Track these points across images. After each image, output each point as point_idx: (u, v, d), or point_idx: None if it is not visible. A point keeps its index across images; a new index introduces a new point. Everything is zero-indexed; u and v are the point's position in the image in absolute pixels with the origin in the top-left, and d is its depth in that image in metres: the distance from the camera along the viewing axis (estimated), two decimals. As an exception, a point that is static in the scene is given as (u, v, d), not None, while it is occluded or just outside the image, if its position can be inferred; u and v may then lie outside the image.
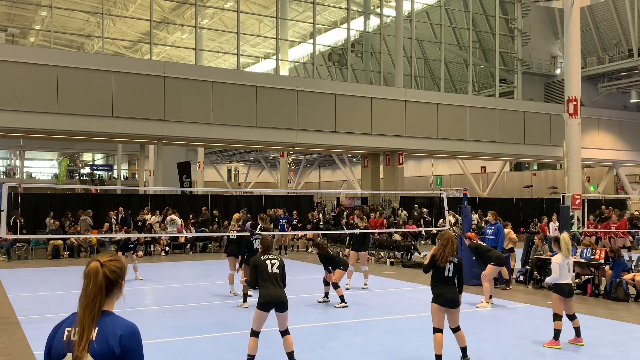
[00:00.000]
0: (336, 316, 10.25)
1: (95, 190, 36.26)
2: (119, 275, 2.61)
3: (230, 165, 67.46)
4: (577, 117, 22.17)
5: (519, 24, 35.29)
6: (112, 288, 2.58)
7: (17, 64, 21.29)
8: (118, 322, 2.53)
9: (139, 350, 2.52)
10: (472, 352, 7.92)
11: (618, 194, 36.61)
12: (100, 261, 2.58)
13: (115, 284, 2.59)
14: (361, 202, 30.28)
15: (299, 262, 18.92)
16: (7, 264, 17.42)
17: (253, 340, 6.73)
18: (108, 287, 2.56)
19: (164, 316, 10.13)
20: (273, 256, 6.96)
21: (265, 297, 6.70)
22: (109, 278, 2.56)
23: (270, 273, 6.77)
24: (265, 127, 25.61)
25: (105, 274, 2.56)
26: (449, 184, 46.26)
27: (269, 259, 6.88)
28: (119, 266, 2.62)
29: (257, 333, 6.75)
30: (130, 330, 2.52)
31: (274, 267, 6.82)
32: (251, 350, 6.73)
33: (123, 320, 2.56)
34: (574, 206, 20.91)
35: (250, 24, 39.70)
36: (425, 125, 29.14)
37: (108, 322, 2.52)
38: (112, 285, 2.58)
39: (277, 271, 6.82)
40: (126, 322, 2.55)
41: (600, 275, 12.64)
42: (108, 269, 2.57)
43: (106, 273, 2.56)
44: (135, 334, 2.53)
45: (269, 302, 6.68)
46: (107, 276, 2.55)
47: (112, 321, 2.53)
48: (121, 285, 2.63)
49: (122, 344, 2.47)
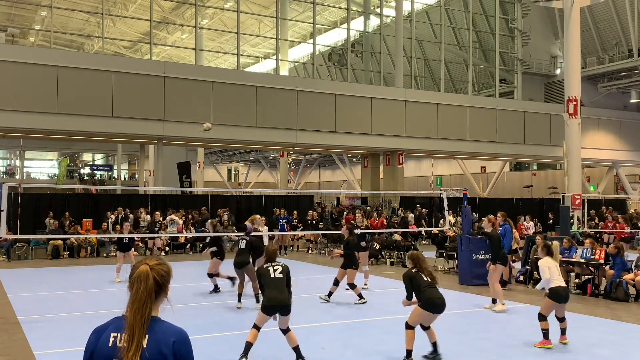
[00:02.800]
0: (336, 316, 10.24)
1: (95, 190, 36.25)
2: (166, 279, 2.58)
3: (230, 165, 67.45)
4: (577, 117, 22.17)
5: (519, 24, 35.29)
6: (160, 292, 2.55)
7: (17, 64, 21.29)
8: (170, 329, 2.51)
9: (191, 356, 2.50)
10: (473, 352, 7.93)
11: (618, 194, 36.61)
12: (150, 265, 2.55)
13: (162, 288, 2.56)
14: (361, 202, 30.27)
15: (299, 262, 18.91)
16: (7, 264, 17.42)
17: (254, 331, 7.05)
18: (157, 291, 2.53)
19: (164, 316, 10.12)
20: (276, 263, 7.29)
21: (269, 301, 6.97)
22: (158, 282, 2.53)
23: (274, 278, 7.06)
24: (265, 127, 25.60)
25: (155, 277, 2.52)
26: (449, 184, 46.26)
27: (271, 265, 7.23)
28: (167, 270, 2.59)
29: (259, 328, 7.08)
30: (182, 336, 2.50)
31: (276, 272, 7.12)
32: (251, 338, 7.03)
33: (174, 326, 2.54)
34: (574, 206, 20.92)
35: (250, 24, 39.68)
36: (425, 125, 29.14)
37: (159, 328, 2.49)
38: (160, 290, 2.54)
39: (280, 276, 7.10)
40: (177, 329, 2.53)
41: (600, 275, 12.64)
42: (157, 272, 2.54)
43: (155, 277, 2.52)
44: (187, 340, 2.51)
45: (272, 305, 6.95)
46: (156, 280, 2.52)
47: (163, 327, 2.50)
48: (167, 289, 2.60)
49: (175, 350, 2.44)
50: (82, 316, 9.90)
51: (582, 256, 12.79)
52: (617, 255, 12.37)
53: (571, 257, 13.03)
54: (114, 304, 10.76)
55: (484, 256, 13.86)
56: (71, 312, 10.33)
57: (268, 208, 25.52)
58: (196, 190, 31.17)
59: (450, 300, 11.96)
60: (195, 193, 28.21)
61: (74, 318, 9.80)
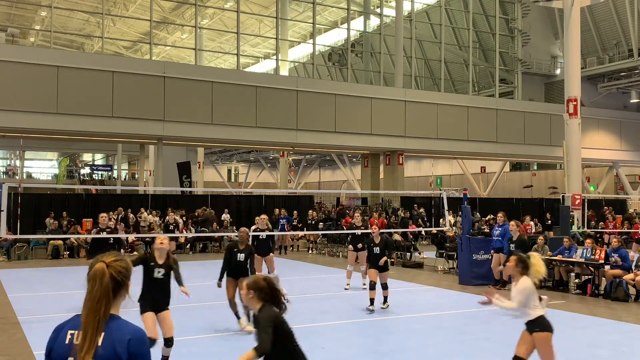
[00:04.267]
0: (336, 316, 10.24)
1: (95, 190, 36.26)
2: (125, 275, 2.50)
3: (230, 165, 67.44)
4: (577, 117, 22.18)
5: (519, 24, 35.29)
6: (118, 290, 2.47)
7: (17, 64, 21.29)
8: (126, 327, 2.45)
9: (146, 356, 2.46)
10: (473, 352, 7.93)
11: (618, 194, 36.61)
12: (106, 262, 2.48)
13: (121, 285, 2.49)
14: (361, 202, 30.27)
15: (299, 262, 18.92)
16: (7, 264, 17.42)
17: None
18: (114, 288, 2.45)
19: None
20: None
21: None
22: (116, 279, 2.46)
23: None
24: (265, 127, 25.60)
25: (112, 275, 2.45)
26: (449, 184, 46.26)
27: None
28: (125, 266, 2.52)
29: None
30: (139, 335, 2.45)
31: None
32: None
33: (131, 325, 2.48)
34: (574, 206, 20.93)
35: (250, 24, 39.68)
36: (425, 125, 29.13)
37: (115, 326, 2.43)
38: (118, 287, 2.47)
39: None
40: (134, 327, 2.47)
41: (600, 275, 12.64)
42: (114, 269, 2.47)
43: (112, 274, 2.45)
44: (144, 339, 2.46)
45: None
46: (113, 277, 2.45)
47: (120, 326, 2.44)
48: (127, 286, 2.53)
49: (130, 349, 2.39)
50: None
51: (582, 256, 12.78)
52: (619, 249, 12.43)
53: (571, 257, 13.02)
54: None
55: (484, 256, 13.88)
56: (71, 312, 10.30)
57: (268, 208, 25.52)
58: (196, 190, 31.18)
59: (451, 300, 12.00)
60: (195, 193, 28.22)
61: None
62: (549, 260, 13.47)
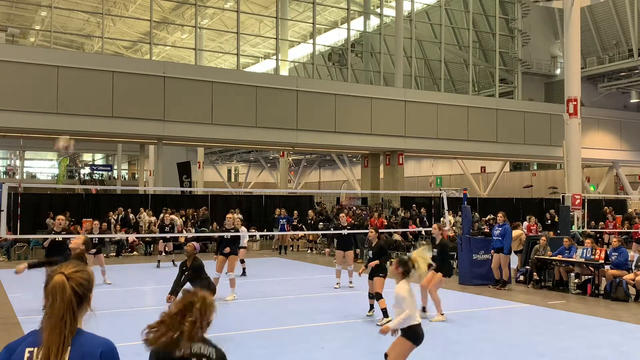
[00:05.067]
0: (336, 316, 10.24)
1: (95, 190, 36.25)
2: (86, 288, 2.33)
3: (230, 165, 67.42)
4: (577, 117, 22.17)
5: (519, 24, 35.28)
6: (80, 303, 2.30)
7: (17, 64, 21.28)
8: (95, 340, 2.32)
9: None
10: (473, 352, 7.92)
11: (618, 194, 36.60)
12: (65, 273, 2.29)
13: (83, 298, 2.31)
14: (361, 202, 30.27)
15: (299, 262, 18.92)
16: (7, 264, 17.41)
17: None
18: (77, 302, 2.28)
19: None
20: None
21: None
22: (77, 293, 2.28)
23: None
24: (265, 127, 25.60)
25: (73, 288, 2.27)
26: (449, 184, 46.23)
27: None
28: (87, 278, 2.34)
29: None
30: (110, 347, 2.32)
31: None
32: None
33: (100, 337, 2.35)
34: (574, 206, 20.92)
35: (250, 24, 39.68)
36: (425, 125, 29.13)
37: (83, 340, 2.28)
38: (80, 300, 2.30)
39: None
40: (104, 340, 2.34)
41: (600, 275, 12.64)
42: (75, 282, 2.29)
43: (74, 287, 2.27)
44: (115, 351, 2.34)
45: None
46: (75, 291, 2.27)
47: (88, 339, 2.30)
48: (89, 298, 2.36)
49: None
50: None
51: (582, 256, 12.78)
52: (620, 248, 12.43)
53: (571, 257, 13.02)
54: (113, 304, 10.78)
55: (484, 256, 13.88)
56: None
57: (268, 208, 25.53)
58: (196, 190, 31.18)
59: (451, 300, 11.99)
60: (195, 193, 28.21)
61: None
62: (549, 260, 13.50)
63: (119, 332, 8.74)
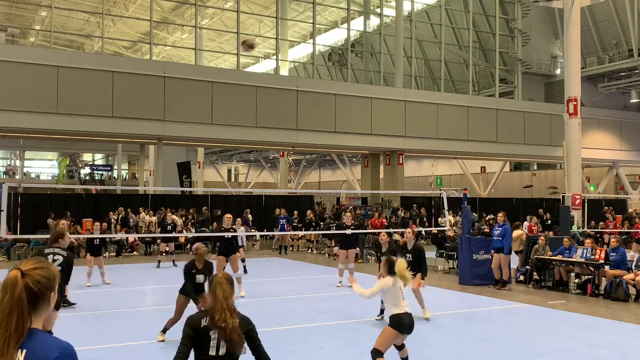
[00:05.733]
0: (336, 316, 10.24)
1: (95, 190, 36.25)
2: (44, 286, 2.18)
3: (230, 165, 67.44)
4: (577, 117, 22.19)
5: (519, 24, 35.29)
6: (35, 302, 2.15)
7: (17, 64, 21.29)
8: (51, 343, 2.16)
9: None
10: (473, 352, 7.93)
11: (618, 194, 36.61)
12: (22, 270, 2.17)
13: (39, 296, 2.16)
14: (361, 202, 30.27)
15: (299, 262, 18.92)
16: (7, 264, 17.40)
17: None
18: (31, 300, 2.13)
19: (164, 316, 10.12)
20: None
21: None
22: (32, 290, 2.14)
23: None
24: (265, 127, 25.60)
25: (27, 285, 2.14)
26: (449, 184, 46.24)
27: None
28: (46, 275, 2.19)
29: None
30: (67, 351, 2.16)
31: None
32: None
33: (58, 340, 2.19)
34: (574, 206, 20.93)
35: (250, 24, 39.68)
36: (425, 125, 29.13)
37: (38, 342, 2.13)
38: (35, 299, 2.15)
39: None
40: (61, 342, 2.18)
41: (600, 275, 12.64)
42: (31, 279, 2.15)
43: (28, 284, 2.14)
44: (73, 355, 2.18)
45: None
46: (29, 288, 2.13)
47: (43, 341, 2.14)
48: (50, 297, 2.20)
49: None
50: (82, 315, 9.89)
51: (582, 256, 12.78)
52: (618, 248, 12.42)
53: (571, 257, 13.02)
54: (113, 304, 10.79)
55: (484, 256, 13.88)
56: (71, 311, 10.32)
57: (268, 208, 25.54)
58: (196, 190, 31.18)
59: (451, 300, 12.00)
60: (195, 193, 28.21)
61: (74, 317, 9.79)
62: (549, 260, 13.50)
63: (118, 332, 8.76)
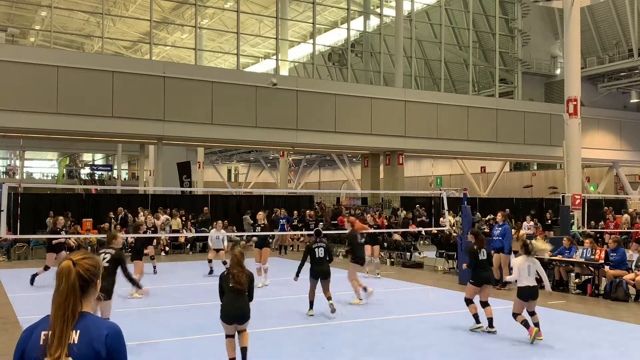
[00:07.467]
0: (336, 316, 10.24)
1: (95, 190, 36.26)
2: (93, 273, 2.50)
3: (230, 165, 67.46)
4: (577, 117, 22.19)
5: (519, 24, 35.29)
6: (86, 287, 2.47)
7: (17, 64, 21.29)
8: (102, 323, 2.47)
9: (124, 351, 2.45)
10: (473, 352, 7.93)
11: (618, 194, 36.61)
12: (73, 260, 2.48)
13: (90, 283, 2.48)
14: (361, 202, 30.27)
15: (299, 262, 18.88)
16: (7, 264, 17.41)
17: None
18: (82, 286, 2.45)
19: (164, 316, 10.12)
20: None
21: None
22: (83, 277, 2.46)
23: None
24: (265, 127, 25.61)
25: (79, 272, 2.45)
26: (449, 184, 46.26)
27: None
28: (93, 264, 2.52)
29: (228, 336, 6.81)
30: (115, 330, 2.45)
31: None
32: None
33: (105, 320, 2.52)
34: (574, 206, 20.93)
35: (250, 24, 39.68)
36: (425, 125, 29.14)
37: (90, 323, 2.43)
38: (86, 285, 2.47)
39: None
40: (109, 323, 2.49)
41: (600, 275, 12.64)
42: (82, 267, 2.47)
43: (79, 272, 2.45)
44: (120, 333, 2.46)
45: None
46: (80, 275, 2.45)
47: (94, 322, 2.45)
48: (96, 284, 2.53)
49: (108, 344, 2.40)
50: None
51: (582, 256, 12.78)
52: (617, 248, 12.42)
53: (571, 257, 13.02)
54: (112, 304, 10.74)
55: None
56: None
57: (268, 208, 25.50)
58: (196, 190, 31.17)
59: (451, 300, 11.99)
60: (195, 193, 28.21)
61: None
62: (549, 260, 13.49)
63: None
